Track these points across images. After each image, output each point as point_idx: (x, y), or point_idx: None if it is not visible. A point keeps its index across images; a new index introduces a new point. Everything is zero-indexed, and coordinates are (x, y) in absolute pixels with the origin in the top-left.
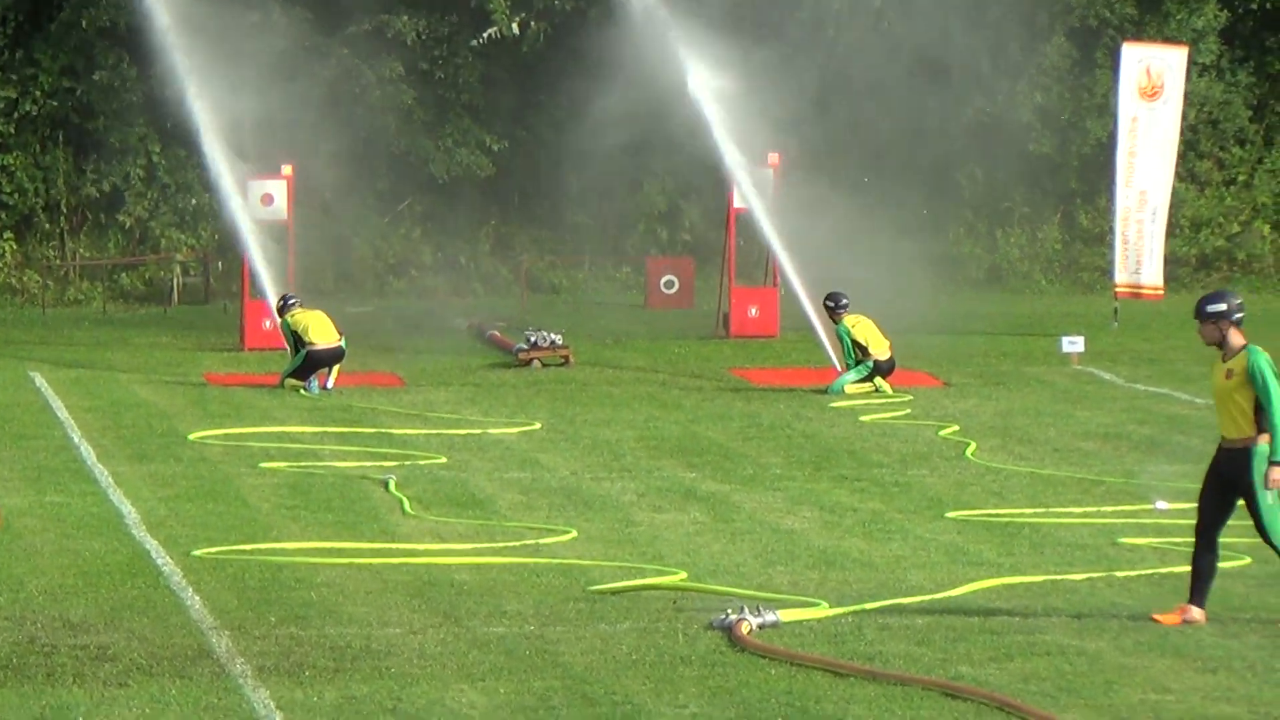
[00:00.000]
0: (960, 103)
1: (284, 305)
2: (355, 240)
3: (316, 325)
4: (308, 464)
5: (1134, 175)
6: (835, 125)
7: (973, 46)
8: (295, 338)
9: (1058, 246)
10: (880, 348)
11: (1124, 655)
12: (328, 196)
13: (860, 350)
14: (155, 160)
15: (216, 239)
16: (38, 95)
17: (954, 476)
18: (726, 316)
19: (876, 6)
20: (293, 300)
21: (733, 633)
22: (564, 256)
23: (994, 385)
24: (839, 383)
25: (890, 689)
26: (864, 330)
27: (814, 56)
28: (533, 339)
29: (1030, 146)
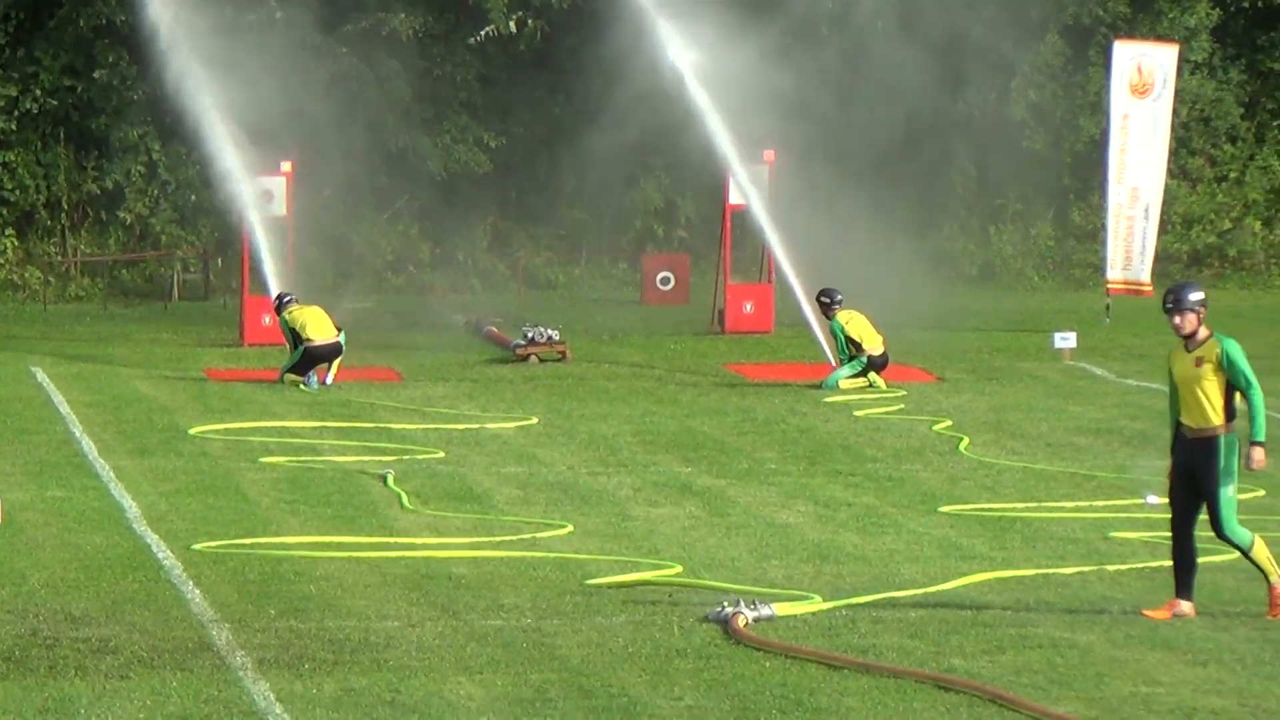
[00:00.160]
0: (954, 100)
1: (281, 303)
2: (354, 237)
3: (314, 321)
4: (307, 459)
5: (1126, 172)
6: (830, 122)
7: (966, 44)
8: (293, 334)
9: (1050, 243)
10: (874, 343)
11: (1115, 648)
12: (326, 193)
13: (854, 346)
14: (155, 158)
15: (216, 236)
16: (38, 93)
17: (947, 471)
18: (722, 312)
19: (870, 6)
20: (289, 298)
21: (728, 626)
22: (561, 253)
23: (987, 381)
24: (833, 378)
25: (883, 681)
26: (858, 326)
27: (809, 55)
28: (530, 335)
29: (1024, 143)
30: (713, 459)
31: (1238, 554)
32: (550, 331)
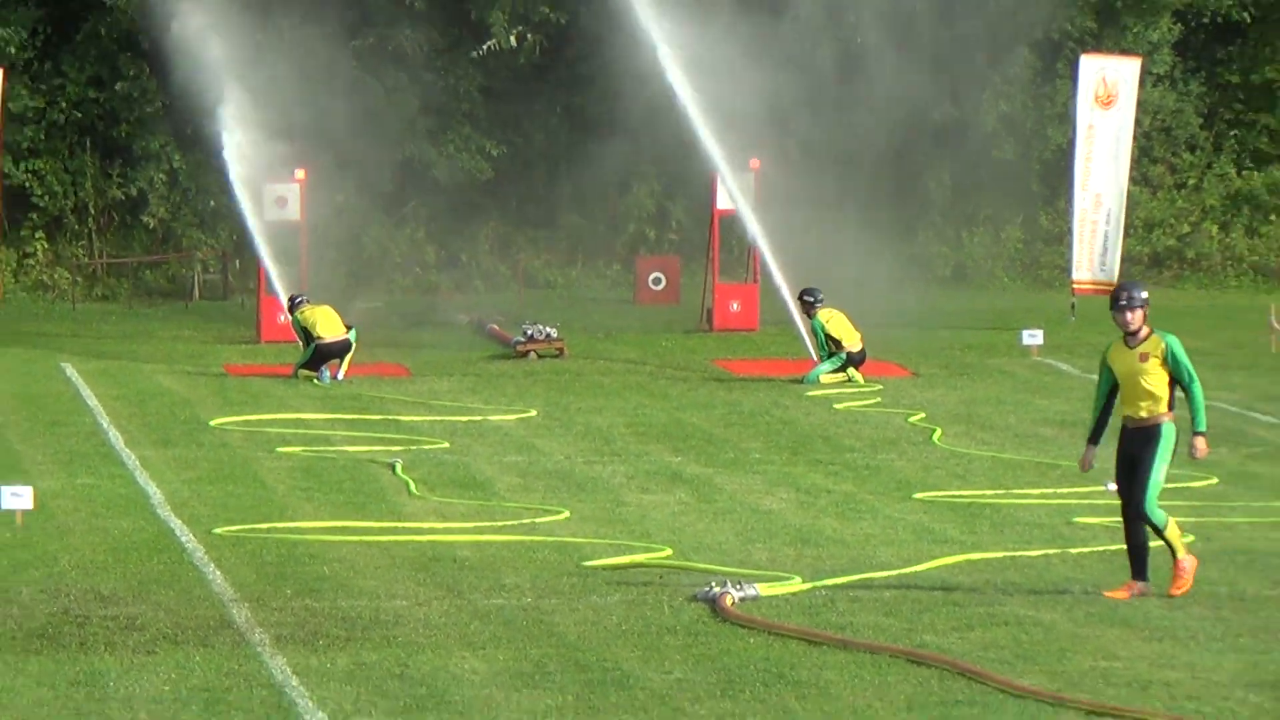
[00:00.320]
0: (930, 111)
1: (293, 304)
2: (364, 240)
3: (324, 320)
4: (321, 448)
5: (1090, 179)
6: (813, 132)
7: (941, 57)
8: (304, 332)
9: (1019, 246)
10: (852, 340)
11: (1076, 625)
12: (338, 199)
13: (834, 343)
14: (176, 166)
15: (234, 238)
16: (65, 105)
17: (921, 460)
18: (710, 311)
19: (851, 21)
20: (300, 299)
21: (715, 605)
22: (558, 255)
23: (959, 375)
24: (814, 373)
25: (860, 656)
26: (837, 324)
27: (795, 70)
28: (529, 332)
29: (994, 152)
30: (701, 449)
31: (1190, 539)
32: (549, 329)
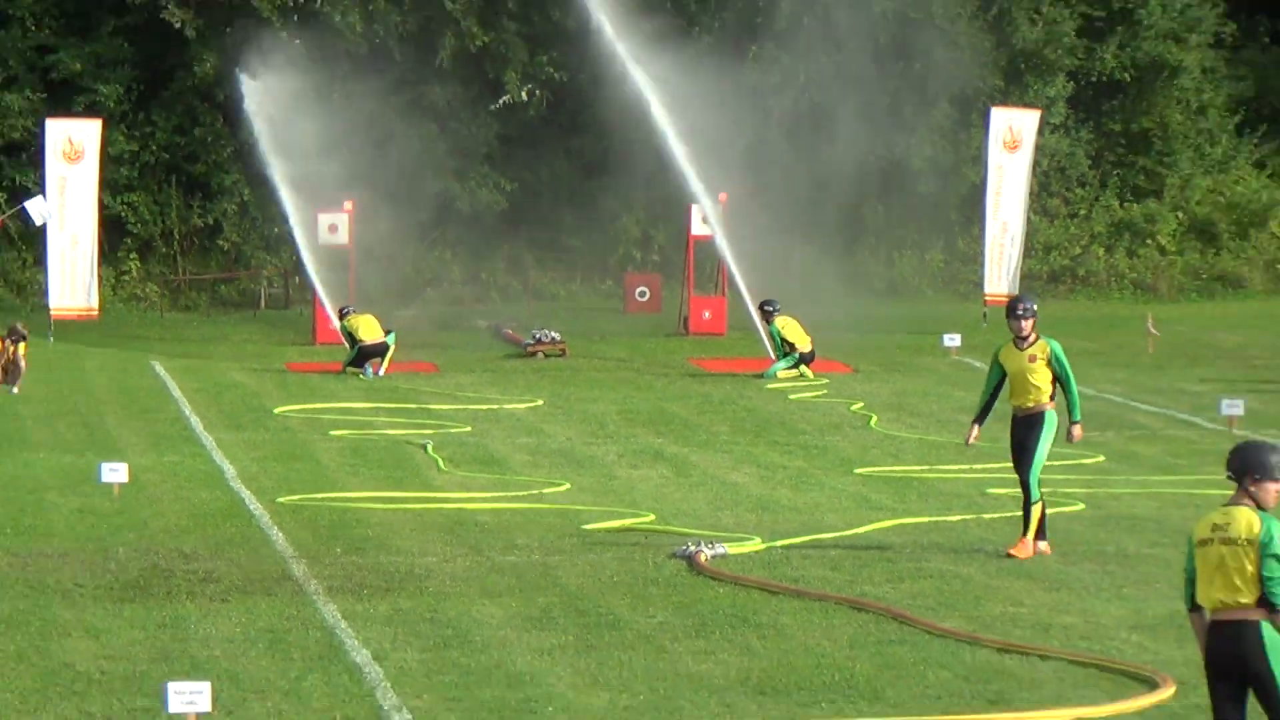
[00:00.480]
0: (868, 153)
1: (342, 313)
2: (400, 260)
3: (365, 326)
4: (365, 431)
5: (999, 210)
6: (772, 171)
7: (878, 109)
8: (350, 336)
9: (941, 265)
10: (804, 342)
11: (989, 578)
12: (380, 226)
13: (788, 345)
14: (246, 199)
15: (294, 259)
16: (154, 148)
17: (860, 442)
18: (686, 319)
19: (802, 81)
20: (347, 309)
21: (691, 561)
22: (561, 272)
23: (891, 371)
24: (772, 370)
25: (810, 604)
26: (791, 329)
27: (757, 119)
28: (537, 336)
29: (920, 188)
30: (679, 432)
31: (1082, 506)
32: (553, 334)
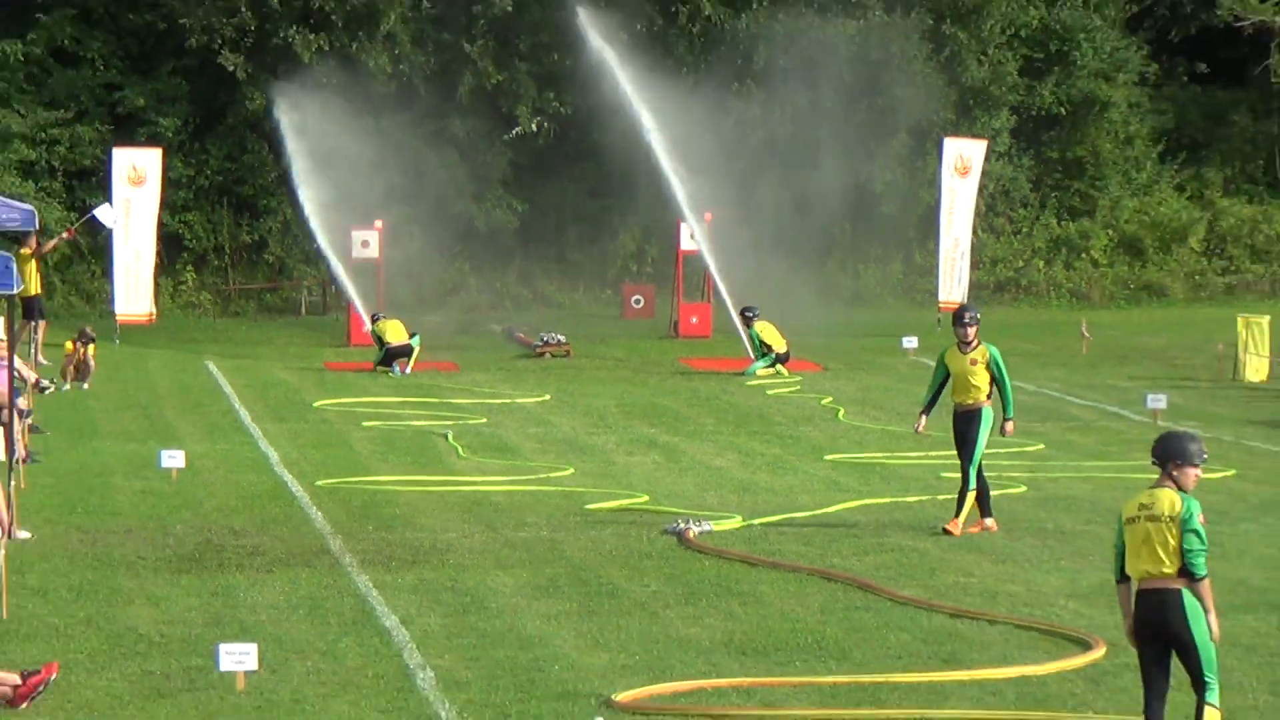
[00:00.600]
0: (836, 178)
1: (374, 318)
2: (425, 272)
3: (393, 330)
4: (393, 423)
5: (951, 228)
6: (751, 194)
7: (845, 139)
8: (379, 339)
9: (900, 276)
10: (780, 344)
11: (943, 552)
12: (407, 242)
13: (766, 346)
14: (288, 218)
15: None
16: (208, 173)
17: (830, 432)
18: (676, 323)
19: (778, 115)
20: (378, 315)
21: (681, 537)
22: (566, 283)
23: (857, 370)
24: (751, 369)
25: (786, 574)
26: (769, 332)
27: (738, 148)
28: (545, 338)
29: (882, 208)
30: (669, 423)
31: (1025, 489)
32: (559, 336)
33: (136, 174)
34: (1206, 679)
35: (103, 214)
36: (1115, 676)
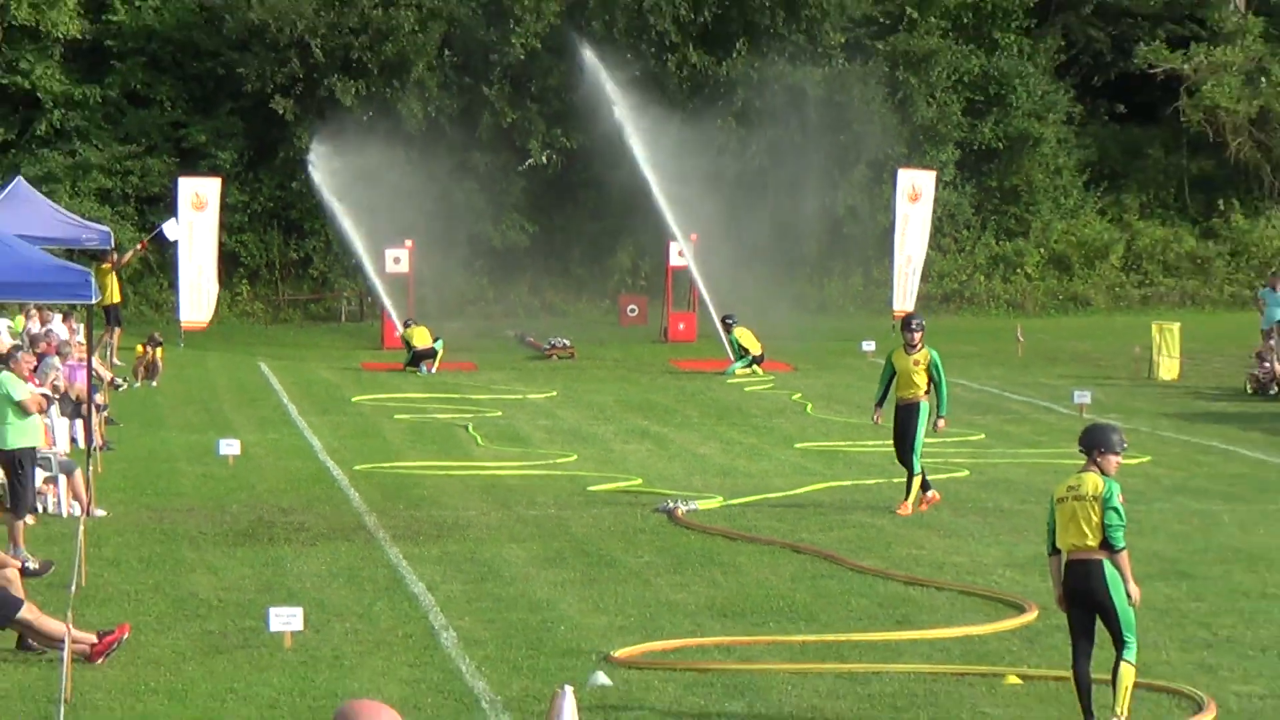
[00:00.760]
0: (805, 204)
1: (404, 325)
2: (448, 284)
3: (419, 335)
4: (421, 415)
5: (904, 247)
6: (732, 217)
7: (813, 170)
8: (407, 343)
9: (860, 288)
10: (755, 347)
11: (898, 528)
12: (433, 259)
13: (744, 349)
14: (330, 239)
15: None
16: (261, 199)
17: (799, 423)
18: (666, 329)
19: (754, 149)
20: (409, 321)
21: (670, 514)
22: (570, 294)
23: (824, 370)
24: (731, 369)
25: (761, 547)
26: (746, 337)
27: (720, 177)
28: (552, 342)
29: (845, 229)
30: (660, 416)
31: (968, 473)
32: (564, 341)
33: (199, 200)
34: (1125, 639)
35: (169, 229)
36: (1047, 636)
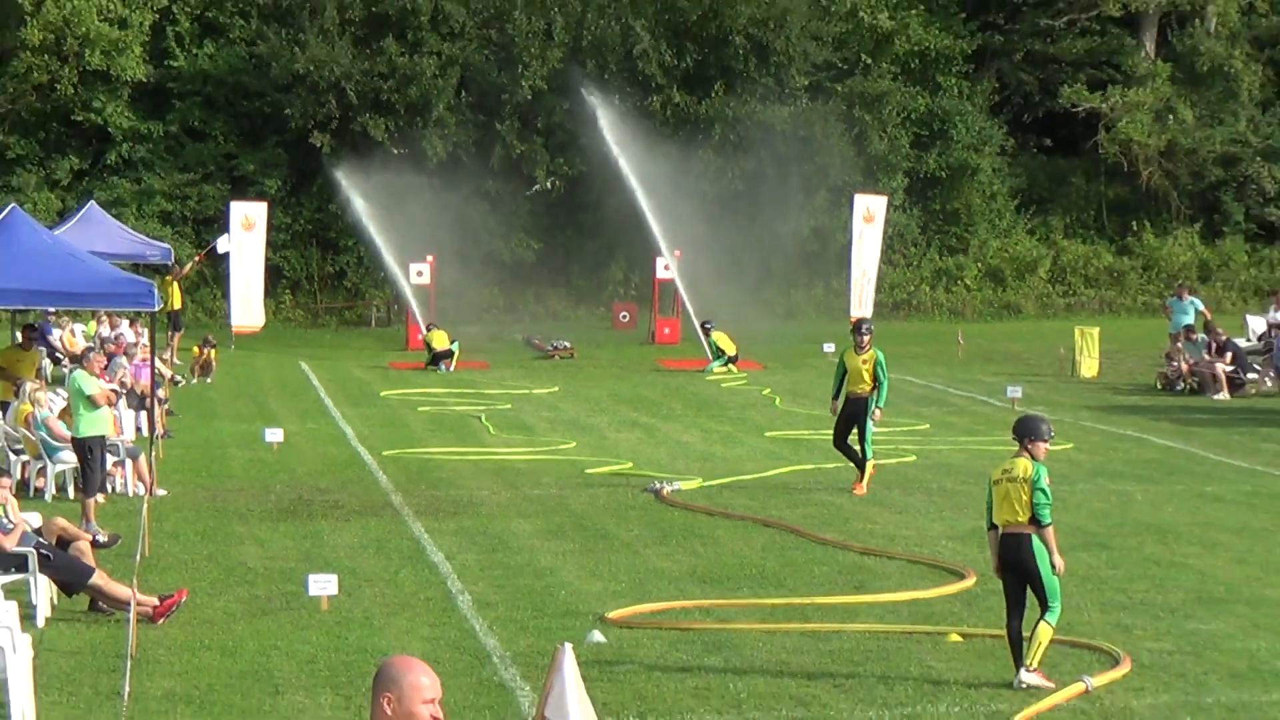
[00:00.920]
0: (775, 224)
1: (426, 328)
2: (464, 294)
3: (437, 338)
4: (440, 407)
5: (860, 261)
6: (711, 234)
7: (781, 195)
8: (428, 345)
9: (822, 297)
10: (731, 348)
11: (855, 506)
12: (451, 272)
13: (721, 350)
14: (362, 254)
15: (394, 293)
16: (302, 219)
17: (769, 415)
18: (653, 333)
19: (729, 176)
20: (430, 325)
21: (658, 494)
22: (570, 303)
23: (790, 368)
24: (710, 367)
25: (735, 522)
26: (723, 339)
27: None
28: (555, 345)
29: (808, 247)
30: (648, 408)
31: (915, 458)
32: (565, 343)
33: (248, 221)
34: (1050, 603)
35: (221, 243)
36: (984, 599)
